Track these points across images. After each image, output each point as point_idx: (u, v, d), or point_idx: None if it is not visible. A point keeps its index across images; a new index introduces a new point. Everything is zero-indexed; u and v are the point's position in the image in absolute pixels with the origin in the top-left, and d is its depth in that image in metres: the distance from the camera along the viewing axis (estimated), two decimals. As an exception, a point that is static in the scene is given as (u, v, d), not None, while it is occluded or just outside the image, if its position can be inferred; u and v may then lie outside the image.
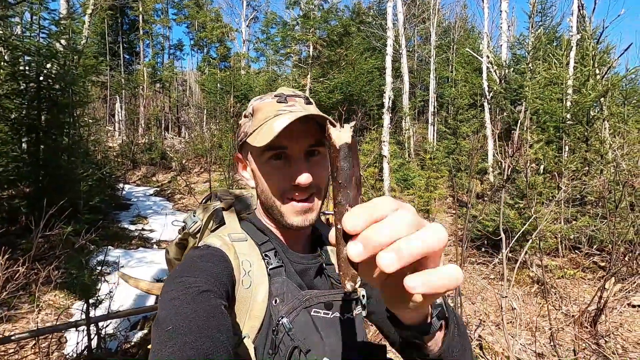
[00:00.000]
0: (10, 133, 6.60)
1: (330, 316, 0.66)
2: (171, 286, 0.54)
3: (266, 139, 0.59)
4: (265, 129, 0.62)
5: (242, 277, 0.62)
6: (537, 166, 5.79)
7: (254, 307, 0.61)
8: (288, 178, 0.64)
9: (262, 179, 0.67)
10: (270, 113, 0.65)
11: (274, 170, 0.65)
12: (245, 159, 0.72)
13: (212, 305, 0.51)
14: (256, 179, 0.69)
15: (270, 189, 0.66)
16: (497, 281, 5.17)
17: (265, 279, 0.63)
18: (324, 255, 0.76)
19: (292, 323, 0.61)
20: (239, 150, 0.74)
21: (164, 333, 0.46)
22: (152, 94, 20.57)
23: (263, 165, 0.66)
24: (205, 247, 0.64)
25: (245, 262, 0.63)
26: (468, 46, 14.04)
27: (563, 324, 3.77)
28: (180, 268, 0.58)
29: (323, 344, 0.62)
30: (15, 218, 5.93)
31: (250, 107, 0.70)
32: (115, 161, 12.23)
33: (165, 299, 0.52)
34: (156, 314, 0.51)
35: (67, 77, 6.43)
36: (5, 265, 2.56)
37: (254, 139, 0.63)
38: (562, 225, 5.45)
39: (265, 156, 0.65)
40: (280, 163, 0.65)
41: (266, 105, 0.67)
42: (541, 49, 6.67)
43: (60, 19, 6.88)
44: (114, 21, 20.83)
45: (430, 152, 11.42)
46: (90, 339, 2.58)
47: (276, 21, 7.90)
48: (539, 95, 6.01)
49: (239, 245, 0.66)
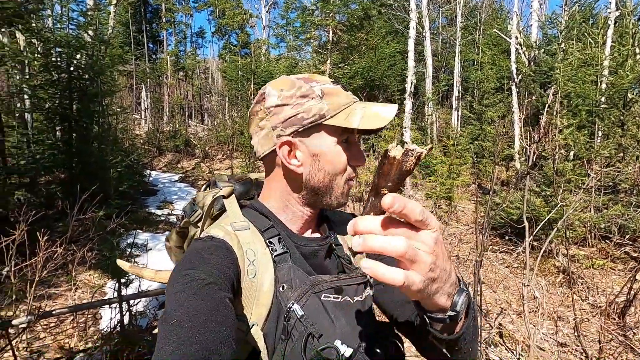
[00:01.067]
0: (45, 122, 6.96)
1: (341, 300, 0.67)
2: (176, 279, 0.54)
3: (378, 124, 0.64)
4: (364, 113, 0.65)
5: (247, 267, 0.62)
6: (566, 152, 5.55)
7: (260, 295, 0.61)
8: (354, 160, 0.70)
9: (334, 161, 0.68)
10: (346, 99, 0.68)
11: (344, 152, 0.69)
12: (302, 144, 0.68)
13: (216, 299, 0.51)
14: (319, 163, 0.68)
15: (339, 170, 0.69)
16: (521, 270, 5.07)
17: (270, 267, 0.64)
18: (332, 236, 0.77)
19: (303, 309, 0.61)
20: (291, 134, 0.68)
21: (169, 327, 0.47)
22: (175, 82, 20.96)
23: (336, 146, 0.68)
24: (208, 239, 0.64)
25: (249, 251, 0.64)
26: (496, 27, 13.38)
27: (589, 314, 3.68)
28: (184, 261, 0.59)
29: (334, 327, 0.62)
30: (52, 203, 6.29)
31: (318, 89, 0.67)
32: (142, 148, 12.66)
33: (170, 292, 0.53)
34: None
35: (95, 67, 6.66)
36: (45, 246, 2.75)
37: (350, 121, 0.65)
38: (592, 213, 5.23)
39: (341, 138, 0.68)
40: (346, 146, 0.69)
41: (336, 90, 0.69)
42: (575, 28, 6.28)
43: (87, 10, 7.08)
44: (137, 11, 21.20)
45: (454, 138, 11.13)
46: (122, 315, 2.75)
47: (295, 6, 7.78)
48: (571, 78, 5.68)
49: (242, 234, 0.66)
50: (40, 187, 6.77)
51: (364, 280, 0.73)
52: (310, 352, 0.57)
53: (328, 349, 0.57)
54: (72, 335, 3.10)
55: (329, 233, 0.77)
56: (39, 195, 6.44)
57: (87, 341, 3.00)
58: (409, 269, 0.41)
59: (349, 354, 0.58)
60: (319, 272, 0.70)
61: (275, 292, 0.62)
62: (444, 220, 7.34)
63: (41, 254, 2.70)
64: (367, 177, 8.18)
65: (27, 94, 6.80)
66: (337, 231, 0.80)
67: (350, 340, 0.62)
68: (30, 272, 2.70)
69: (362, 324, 0.68)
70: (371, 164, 8.73)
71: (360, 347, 0.61)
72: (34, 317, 2.14)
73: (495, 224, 6.12)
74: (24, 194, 5.83)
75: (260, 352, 0.59)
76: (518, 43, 8.20)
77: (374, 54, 11.94)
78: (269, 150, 0.70)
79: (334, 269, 0.73)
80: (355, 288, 0.70)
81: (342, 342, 0.60)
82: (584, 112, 5.63)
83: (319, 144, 0.68)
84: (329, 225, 0.80)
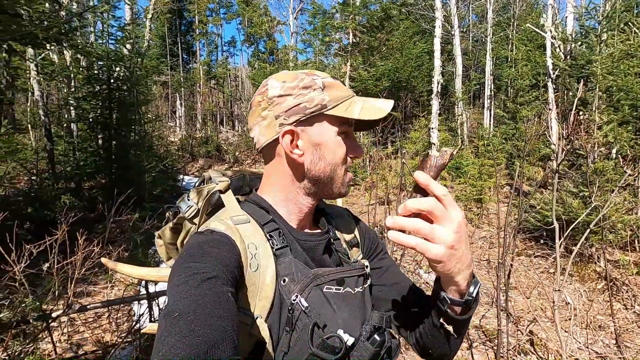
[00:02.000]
0: (88, 131, 7.48)
1: (342, 291, 0.68)
2: (178, 272, 0.54)
3: (378, 115, 0.69)
4: (364, 105, 0.69)
5: (250, 261, 0.62)
6: (607, 150, 5.18)
7: (262, 288, 0.62)
8: (351, 151, 0.73)
9: (335, 151, 0.70)
10: (346, 92, 0.72)
11: (343, 143, 0.71)
12: (304, 133, 0.70)
13: (218, 293, 0.51)
14: (320, 152, 0.70)
15: (339, 161, 0.71)
16: (556, 275, 4.78)
17: (271, 260, 0.64)
18: (331, 231, 0.78)
19: (307, 301, 0.62)
20: (293, 124, 0.69)
21: (170, 320, 0.46)
22: (207, 90, 21.79)
23: (336, 137, 0.71)
24: (209, 232, 0.63)
25: (250, 245, 0.64)
26: (530, 21, 12.78)
27: (633, 324, 3.40)
28: (186, 253, 0.59)
29: (336, 317, 0.64)
30: (94, 206, 6.73)
31: (319, 81, 0.70)
32: (176, 154, 13.24)
33: (172, 285, 0.53)
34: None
35: (132, 78, 7.08)
36: (83, 246, 2.95)
37: (350, 112, 0.69)
38: (638, 216, 4.84)
39: (341, 129, 0.70)
40: (344, 137, 0.72)
41: (337, 83, 0.72)
42: (616, 18, 5.87)
43: (125, 25, 7.56)
44: (172, 24, 22.30)
45: (486, 138, 10.72)
46: (152, 311, 2.89)
47: (317, 11, 7.87)
48: (612, 71, 5.31)
49: (242, 227, 0.66)
50: (84, 192, 7.27)
51: (362, 273, 0.74)
52: (316, 340, 0.59)
53: (332, 338, 0.59)
54: (108, 330, 3.30)
55: (328, 227, 0.78)
56: (82, 199, 6.92)
57: (121, 336, 3.18)
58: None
59: (351, 343, 0.60)
60: (318, 266, 0.71)
61: (277, 285, 0.63)
62: (474, 223, 7.07)
63: (80, 253, 2.90)
64: (392, 180, 8.06)
65: (73, 106, 7.36)
66: (335, 224, 0.82)
67: (352, 329, 0.63)
68: (71, 270, 2.91)
69: (363, 314, 0.70)
70: (396, 166, 8.59)
71: (362, 335, 0.63)
72: (69, 310, 2.30)
73: (529, 227, 5.82)
74: (69, 198, 6.30)
75: (266, 343, 0.60)
76: (553, 37, 7.79)
77: (400, 55, 11.78)
78: (271, 139, 0.70)
79: (333, 263, 0.75)
80: (355, 279, 0.72)
81: (344, 332, 0.61)
82: (627, 107, 5.23)
83: (320, 134, 0.69)
84: (327, 219, 0.81)
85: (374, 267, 0.82)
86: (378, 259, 0.85)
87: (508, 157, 10.09)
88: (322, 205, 0.83)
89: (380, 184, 8.33)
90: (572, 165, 5.87)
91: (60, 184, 6.92)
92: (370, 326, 0.64)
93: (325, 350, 0.58)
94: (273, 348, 0.61)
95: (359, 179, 9.57)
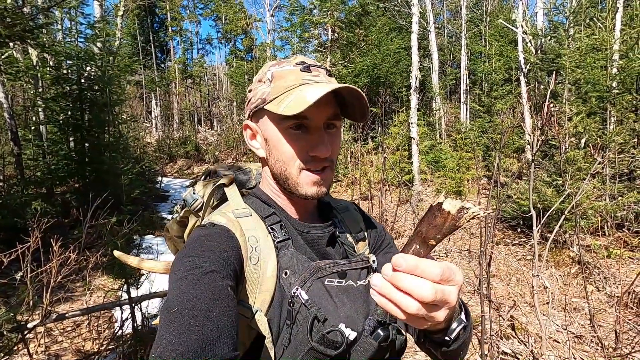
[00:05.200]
0: (59, 133, 7.16)
1: (345, 284, 0.66)
2: (178, 266, 0.54)
3: (299, 108, 0.58)
4: (295, 97, 0.61)
5: (250, 254, 0.61)
6: (577, 140, 5.42)
7: (263, 281, 0.61)
8: (307, 148, 0.65)
9: (279, 148, 0.65)
10: (294, 81, 0.64)
11: (293, 139, 0.64)
12: (257, 127, 0.70)
13: (218, 287, 0.50)
14: (269, 148, 0.68)
15: (287, 159, 0.65)
16: (534, 262, 4.97)
17: (272, 253, 0.63)
18: (337, 223, 0.77)
19: (308, 294, 0.61)
20: (249, 118, 0.71)
21: (169, 315, 0.46)
22: (184, 89, 21.29)
23: (281, 133, 0.65)
24: (210, 226, 0.63)
25: (251, 238, 0.63)
26: (502, 17, 13.17)
27: (605, 305, 3.58)
28: (187, 247, 0.58)
29: (338, 310, 0.62)
30: (67, 211, 6.46)
31: (269, 73, 0.67)
32: (153, 156, 12.89)
33: (172, 279, 0.52)
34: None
35: (104, 78, 6.82)
36: (59, 252, 2.83)
37: (278, 107, 0.61)
38: (607, 202, 5.09)
39: (285, 124, 0.64)
40: (299, 133, 0.64)
41: (288, 72, 0.65)
42: (582, 13, 6.13)
43: (94, 23, 7.26)
44: (144, 21, 21.63)
45: (463, 132, 11.00)
46: (134, 317, 2.81)
47: (295, 7, 7.83)
48: (579, 64, 5.54)
49: (244, 221, 0.65)
50: (56, 197, 6.96)
51: (366, 265, 0.72)
52: (316, 335, 0.57)
53: (333, 332, 0.57)
54: (88, 338, 3.19)
55: (333, 220, 0.77)
56: (55, 204, 6.63)
57: (102, 344, 3.08)
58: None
59: (353, 337, 0.58)
60: (322, 259, 0.69)
61: (278, 278, 0.62)
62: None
63: (55, 260, 2.78)
64: (372, 175, 8.15)
65: (41, 107, 7.02)
66: (340, 218, 0.80)
67: (354, 324, 0.61)
68: (46, 278, 2.78)
69: (367, 308, 0.67)
70: (377, 162, 8.69)
71: (364, 330, 0.60)
72: (46, 319, 2.21)
73: (506, 217, 6.02)
74: (40, 204, 6.01)
75: (265, 337, 0.58)
76: (524, 32, 8.06)
77: (378, 51, 11.89)
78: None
79: (338, 256, 0.73)
80: (358, 272, 0.70)
81: (346, 326, 0.59)
82: (594, 99, 5.48)
83: (266, 129, 0.68)
84: (333, 212, 0.80)
85: (380, 260, 0.80)
86: (384, 252, 0.83)
87: (484, 149, 10.39)
88: (327, 199, 0.82)
89: (362, 179, 8.39)
90: (545, 156, 6.10)
91: (30, 190, 6.60)
92: (374, 320, 0.61)
93: (325, 344, 0.55)
94: (273, 342, 0.60)
95: (340, 175, 9.62)
